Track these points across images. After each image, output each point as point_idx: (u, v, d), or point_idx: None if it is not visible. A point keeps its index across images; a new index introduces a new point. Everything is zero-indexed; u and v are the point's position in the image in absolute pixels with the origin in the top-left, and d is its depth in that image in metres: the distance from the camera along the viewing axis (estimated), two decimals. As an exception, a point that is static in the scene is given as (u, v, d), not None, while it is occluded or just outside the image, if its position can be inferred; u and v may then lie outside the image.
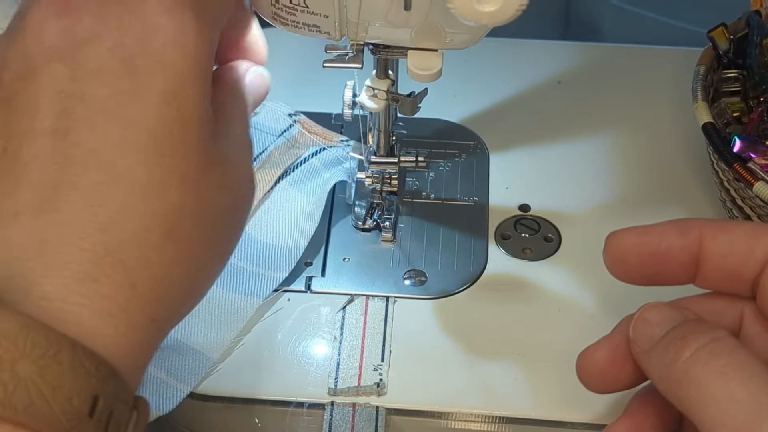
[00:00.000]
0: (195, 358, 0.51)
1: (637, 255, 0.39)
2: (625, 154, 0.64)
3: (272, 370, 0.52)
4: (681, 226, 0.39)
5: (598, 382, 0.40)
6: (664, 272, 0.39)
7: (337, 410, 0.50)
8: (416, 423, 0.51)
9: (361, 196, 0.59)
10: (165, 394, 0.49)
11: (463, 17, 0.42)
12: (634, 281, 0.40)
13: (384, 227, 0.58)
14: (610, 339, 0.40)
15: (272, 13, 0.48)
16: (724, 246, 0.38)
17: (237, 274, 0.54)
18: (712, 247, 0.38)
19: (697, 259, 0.38)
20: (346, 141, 0.62)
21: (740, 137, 0.52)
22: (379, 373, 0.51)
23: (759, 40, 0.56)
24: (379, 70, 0.53)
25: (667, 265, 0.39)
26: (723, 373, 0.33)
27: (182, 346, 0.51)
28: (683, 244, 0.38)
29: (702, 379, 0.34)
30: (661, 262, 0.39)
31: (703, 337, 0.35)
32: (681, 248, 0.38)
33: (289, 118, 0.62)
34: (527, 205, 0.61)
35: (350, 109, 0.55)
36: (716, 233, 0.38)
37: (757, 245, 0.37)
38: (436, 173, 0.62)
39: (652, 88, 0.68)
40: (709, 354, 0.34)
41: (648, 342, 0.37)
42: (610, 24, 0.79)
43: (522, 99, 0.68)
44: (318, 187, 0.58)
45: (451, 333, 0.54)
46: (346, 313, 0.55)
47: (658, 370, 0.36)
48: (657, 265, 0.39)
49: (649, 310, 0.38)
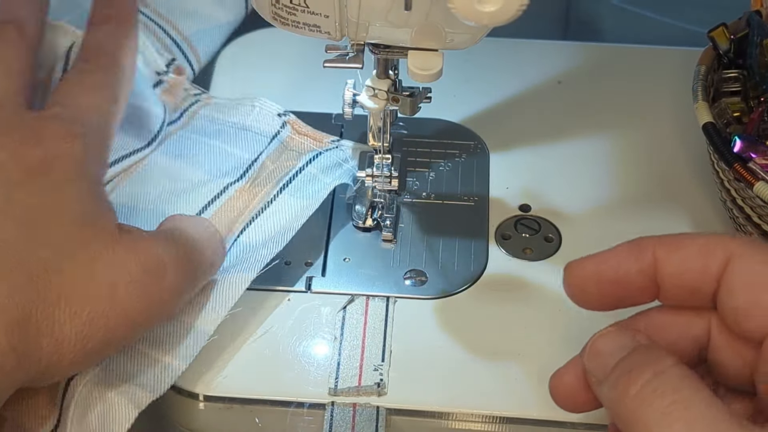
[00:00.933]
0: (190, 334, 0.50)
1: (596, 284, 0.39)
2: (626, 154, 0.64)
3: (272, 370, 0.52)
4: (635, 250, 0.38)
5: (571, 404, 0.40)
6: (625, 296, 0.39)
7: (338, 410, 0.50)
8: (417, 423, 0.51)
9: (361, 195, 0.59)
10: (160, 372, 0.49)
11: (463, 17, 0.42)
12: (597, 308, 0.40)
13: (384, 226, 0.58)
14: (577, 362, 0.40)
15: (272, 13, 0.48)
16: (678, 266, 0.37)
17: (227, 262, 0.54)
18: (667, 268, 0.37)
19: (655, 279, 0.38)
20: (337, 140, 0.62)
21: (741, 137, 0.52)
22: (379, 373, 0.51)
23: (759, 40, 0.56)
24: (379, 70, 0.53)
25: (626, 290, 0.39)
26: (666, 414, 0.33)
27: (176, 322, 0.51)
28: (639, 268, 0.38)
29: (648, 420, 0.33)
30: (621, 287, 0.39)
31: (647, 372, 0.34)
32: (638, 272, 0.38)
33: (279, 119, 0.62)
34: (528, 205, 0.61)
35: (351, 108, 0.55)
36: (669, 253, 0.37)
37: (711, 261, 0.36)
38: (436, 173, 0.62)
39: (652, 88, 0.68)
40: (652, 393, 0.34)
41: (601, 373, 0.37)
42: (610, 24, 0.79)
43: (522, 99, 0.68)
44: (317, 191, 0.58)
45: (451, 333, 0.54)
46: (347, 313, 0.55)
47: (609, 403, 0.36)
48: (617, 290, 0.39)
49: (600, 339, 0.38)
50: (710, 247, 0.37)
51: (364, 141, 0.59)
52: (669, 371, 0.34)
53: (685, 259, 0.37)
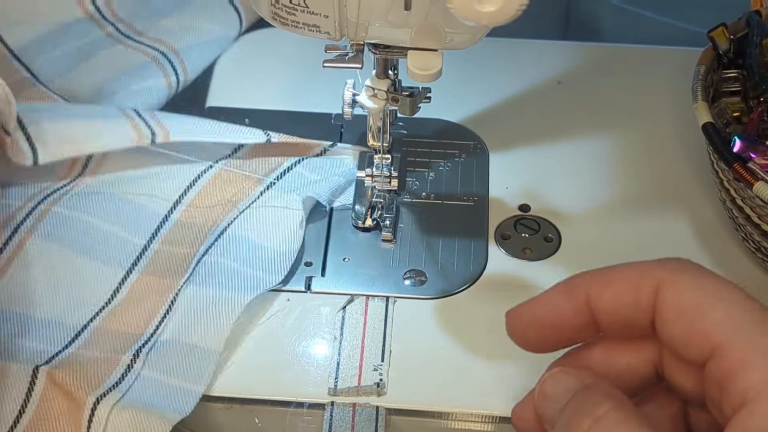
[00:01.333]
0: (200, 356, 0.51)
1: (536, 330, 0.39)
2: (625, 154, 0.64)
3: (272, 370, 0.52)
4: (568, 290, 0.38)
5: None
6: (566, 337, 0.39)
7: (337, 410, 0.50)
8: (416, 423, 0.51)
9: (361, 195, 0.59)
10: (182, 398, 0.49)
11: (463, 17, 0.42)
12: (543, 352, 0.40)
13: (384, 226, 0.58)
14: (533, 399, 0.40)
15: (272, 13, 0.48)
16: (611, 302, 0.37)
17: (226, 274, 0.54)
18: (601, 305, 0.37)
19: (592, 317, 0.38)
20: (331, 145, 0.61)
21: (740, 137, 0.52)
22: (379, 373, 0.51)
23: (759, 40, 0.56)
24: (378, 70, 0.53)
25: (566, 331, 0.38)
26: None
27: (183, 345, 0.51)
28: (574, 308, 0.38)
29: None
30: (560, 330, 0.38)
31: (586, 421, 0.34)
32: (574, 312, 0.38)
33: (264, 135, 0.60)
34: (527, 205, 0.61)
35: (350, 108, 0.55)
36: (601, 290, 0.37)
37: (642, 294, 0.36)
38: (436, 173, 0.62)
39: (652, 88, 0.68)
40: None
41: (551, 418, 0.37)
42: (610, 24, 0.79)
43: (522, 99, 0.68)
44: (309, 188, 0.58)
45: (451, 333, 0.54)
46: (346, 313, 0.55)
47: None
48: (557, 333, 0.39)
49: (547, 382, 0.38)
50: (640, 279, 0.36)
51: (364, 142, 0.59)
52: (607, 416, 0.34)
53: (617, 295, 0.37)
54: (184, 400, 0.49)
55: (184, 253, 0.56)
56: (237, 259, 0.55)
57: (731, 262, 0.57)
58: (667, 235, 0.59)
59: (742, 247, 0.57)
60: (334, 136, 0.64)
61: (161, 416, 0.48)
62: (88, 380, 0.49)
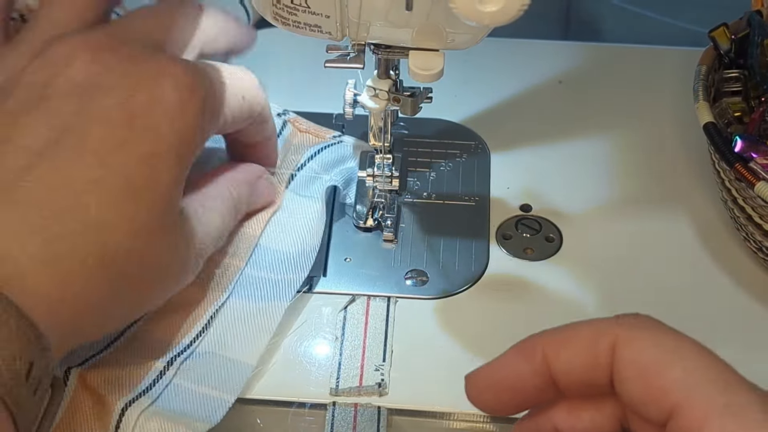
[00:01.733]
0: (234, 368, 0.50)
1: (494, 393, 0.38)
2: (626, 154, 0.64)
3: (274, 370, 0.52)
4: (525, 352, 0.38)
5: None
6: (526, 399, 0.38)
7: (339, 410, 0.50)
8: (418, 423, 0.51)
9: (362, 196, 0.59)
10: (212, 406, 0.49)
11: (464, 17, 0.42)
12: (504, 414, 0.39)
13: (385, 226, 0.58)
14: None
15: (273, 13, 0.48)
16: (568, 363, 0.36)
17: (257, 284, 0.54)
18: (558, 366, 0.37)
19: (550, 377, 0.37)
20: (339, 136, 0.62)
21: (741, 137, 0.52)
22: (380, 373, 0.51)
23: (760, 39, 0.56)
24: (380, 70, 0.53)
25: (526, 393, 0.38)
26: None
27: (219, 358, 0.51)
28: (532, 370, 0.37)
29: None
30: (519, 392, 0.38)
31: None
32: (531, 374, 0.37)
33: (279, 119, 0.61)
34: (528, 205, 0.61)
35: (351, 108, 0.55)
36: (557, 351, 0.37)
37: (598, 353, 0.35)
38: (437, 173, 0.62)
39: (652, 88, 0.68)
40: None
41: None
42: (610, 24, 0.79)
43: (523, 99, 0.68)
44: (321, 190, 0.58)
45: (452, 333, 0.54)
46: (348, 313, 0.55)
47: None
48: (516, 396, 0.38)
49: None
50: (597, 337, 0.36)
51: (366, 139, 0.59)
52: None
53: (574, 355, 0.36)
54: (214, 408, 0.49)
55: (228, 263, 0.55)
56: (262, 267, 0.55)
57: (732, 262, 0.57)
58: (668, 235, 0.59)
59: (744, 247, 0.57)
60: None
61: (189, 425, 0.47)
62: (119, 385, 0.49)
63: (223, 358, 0.51)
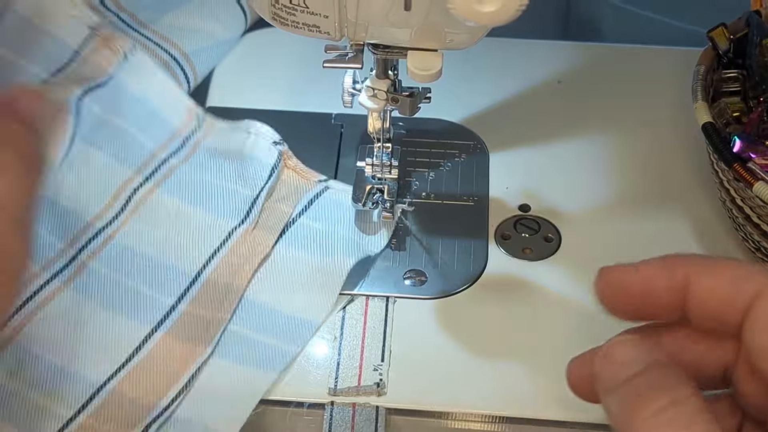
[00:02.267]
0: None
1: (624, 292, 0.38)
2: (625, 154, 0.64)
3: (272, 370, 0.52)
4: (668, 266, 0.38)
5: (586, 395, 0.39)
6: (650, 311, 0.38)
7: (337, 410, 0.50)
8: (416, 423, 0.51)
9: (360, 181, 0.59)
10: None
11: (463, 17, 0.42)
12: (623, 317, 0.39)
13: (385, 208, 0.57)
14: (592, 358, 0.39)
15: (272, 14, 0.48)
16: (707, 291, 0.36)
17: (246, 345, 0.52)
18: (696, 291, 0.37)
19: (683, 299, 0.37)
20: (325, 180, 0.60)
21: (740, 137, 0.52)
22: (379, 373, 0.51)
23: (759, 40, 0.56)
24: (378, 71, 0.53)
25: (653, 304, 0.38)
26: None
27: (197, 426, 0.49)
28: (669, 285, 0.37)
29: None
30: (648, 300, 0.38)
31: (664, 399, 0.33)
32: (667, 289, 0.37)
33: (275, 148, 0.59)
34: (527, 205, 0.61)
35: (350, 96, 0.54)
36: (700, 276, 0.37)
37: (740, 294, 0.35)
38: (436, 173, 0.62)
39: (652, 88, 0.68)
40: (666, 423, 0.32)
41: (610, 382, 0.36)
42: (610, 24, 0.79)
43: (522, 99, 0.68)
44: (319, 244, 0.57)
45: (451, 333, 0.54)
46: (346, 313, 0.55)
47: (614, 418, 0.35)
48: (643, 302, 0.38)
49: (615, 346, 0.37)
50: (743, 279, 0.36)
51: (365, 140, 0.59)
52: (687, 402, 0.33)
53: (716, 286, 0.36)
54: None
55: (210, 317, 0.53)
56: (255, 327, 0.53)
57: (731, 262, 0.57)
58: (666, 234, 0.59)
59: (742, 246, 0.58)
60: (334, 136, 0.64)
61: None
62: None
63: (200, 426, 0.49)
